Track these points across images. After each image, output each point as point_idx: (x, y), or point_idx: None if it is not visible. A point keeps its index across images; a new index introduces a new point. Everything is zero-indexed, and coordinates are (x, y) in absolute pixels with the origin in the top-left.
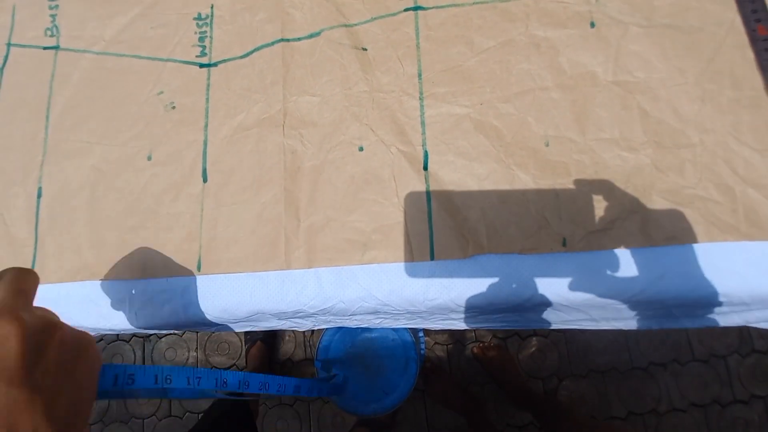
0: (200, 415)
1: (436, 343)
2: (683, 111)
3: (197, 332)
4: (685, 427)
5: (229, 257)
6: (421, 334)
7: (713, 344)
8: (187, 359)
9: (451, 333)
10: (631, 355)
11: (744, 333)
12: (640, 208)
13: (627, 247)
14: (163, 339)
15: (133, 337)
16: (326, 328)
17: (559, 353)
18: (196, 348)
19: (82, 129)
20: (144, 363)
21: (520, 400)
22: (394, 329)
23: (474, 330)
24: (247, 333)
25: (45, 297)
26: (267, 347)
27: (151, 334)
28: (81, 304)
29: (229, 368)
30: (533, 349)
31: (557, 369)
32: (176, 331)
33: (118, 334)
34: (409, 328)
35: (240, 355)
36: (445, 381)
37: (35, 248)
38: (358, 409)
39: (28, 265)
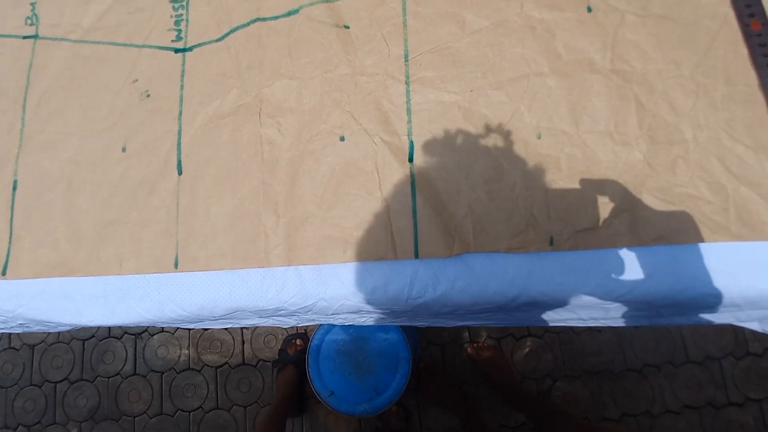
0: (191, 414)
1: (430, 343)
2: (678, 105)
3: (189, 330)
4: (679, 430)
5: (207, 254)
6: (414, 333)
7: (708, 346)
8: (179, 357)
9: (446, 333)
10: (625, 357)
11: (739, 335)
12: (630, 206)
13: (615, 246)
14: (155, 336)
15: (125, 335)
16: (317, 328)
17: (553, 354)
18: (189, 346)
19: (58, 120)
20: (135, 360)
21: (514, 401)
22: (386, 329)
23: (468, 330)
24: (280, 351)
25: (21, 292)
26: (299, 372)
27: (142, 332)
28: (57, 299)
29: (220, 367)
30: (527, 349)
31: (551, 370)
32: (168, 329)
33: (110, 331)
34: (402, 328)
35: (233, 353)
36: (439, 380)
37: (9, 242)
38: (348, 409)
39: (1, 262)
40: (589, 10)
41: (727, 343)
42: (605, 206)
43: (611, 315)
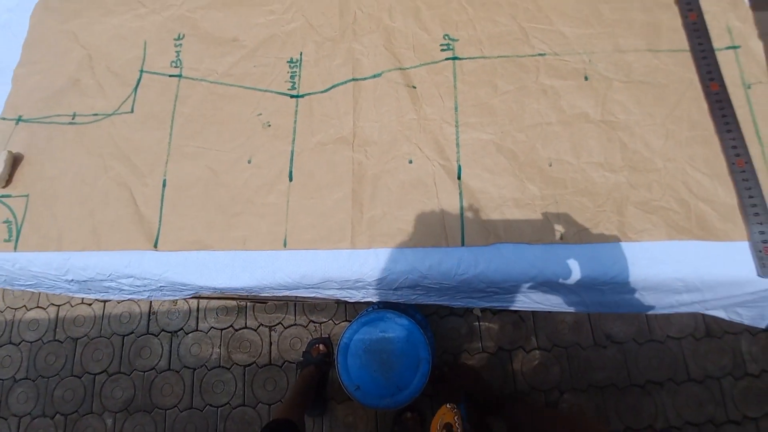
0: (219, 409)
1: (445, 351)
2: (652, 144)
3: (221, 330)
4: None
5: (307, 238)
6: (432, 340)
7: (707, 366)
8: (211, 355)
9: (459, 344)
10: (630, 373)
11: (737, 357)
12: (618, 213)
13: (608, 242)
14: (189, 335)
15: (162, 332)
16: (346, 329)
17: (560, 367)
18: (220, 345)
19: (198, 138)
20: (170, 356)
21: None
22: (408, 331)
23: (480, 341)
24: (304, 353)
25: (168, 261)
26: (320, 374)
27: (178, 330)
28: (195, 267)
29: (248, 366)
30: (536, 362)
31: (558, 382)
32: (201, 328)
33: (148, 328)
34: (423, 332)
35: (261, 353)
36: (455, 386)
37: (159, 224)
38: (373, 402)
39: (153, 238)
40: (586, 78)
41: (726, 364)
42: (600, 214)
43: (607, 299)
